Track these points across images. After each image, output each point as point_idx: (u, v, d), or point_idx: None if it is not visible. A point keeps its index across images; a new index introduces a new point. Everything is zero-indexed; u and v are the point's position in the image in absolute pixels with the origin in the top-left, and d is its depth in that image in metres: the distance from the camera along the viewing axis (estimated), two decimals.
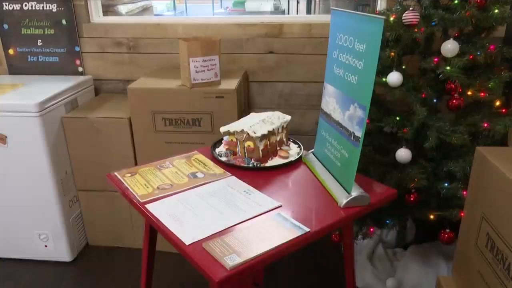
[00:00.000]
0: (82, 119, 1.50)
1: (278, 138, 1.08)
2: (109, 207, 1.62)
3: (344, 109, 0.87)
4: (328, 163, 0.97)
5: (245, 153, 1.04)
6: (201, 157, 1.09)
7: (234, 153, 1.06)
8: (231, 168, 1.01)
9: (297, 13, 2.87)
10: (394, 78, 1.17)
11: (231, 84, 1.45)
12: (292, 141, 1.16)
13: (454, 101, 1.14)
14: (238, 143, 1.04)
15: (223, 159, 1.05)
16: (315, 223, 0.79)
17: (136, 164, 1.53)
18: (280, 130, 1.08)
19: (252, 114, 1.14)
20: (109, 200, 1.61)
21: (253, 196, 0.88)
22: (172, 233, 0.76)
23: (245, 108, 1.65)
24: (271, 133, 1.05)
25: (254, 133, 0.99)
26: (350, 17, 0.84)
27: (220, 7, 4.42)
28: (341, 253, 1.58)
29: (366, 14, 0.78)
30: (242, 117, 1.14)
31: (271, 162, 1.04)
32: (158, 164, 1.04)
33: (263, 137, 1.02)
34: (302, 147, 1.12)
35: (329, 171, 0.95)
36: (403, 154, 1.20)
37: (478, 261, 0.91)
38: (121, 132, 1.50)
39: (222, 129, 1.05)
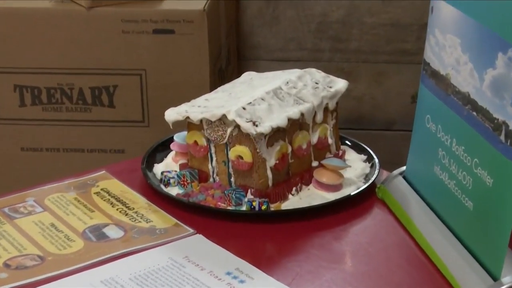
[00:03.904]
0: None
1: (315, 138, 1.10)
2: None
3: (482, 65, 0.88)
4: (443, 201, 0.98)
5: (230, 175, 1.06)
6: (117, 184, 1.11)
7: (202, 177, 1.08)
8: (194, 213, 1.03)
9: None
10: None
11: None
12: (350, 145, 1.18)
13: None
14: (213, 150, 1.07)
15: (175, 191, 1.07)
16: None
17: None
18: (320, 117, 1.10)
19: (248, 76, 1.16)
20: None
21: (251, 287, 0.89)
22: None
23: (230, 60, 1.67)
24: (297, 124, 1.07)
25: (255, 124, 1.01)
26: None
27: None
28: None
29: None
30: (223, 83, 1.16)
31: (296, 200, 1.06)
32: (7, 206, 1.05)
33: (278, 135, 1.04)
34: (376, 160, 1.14)
35: (444, 222, 0.97)
36: None
37: None
38: None
39: (170, 114, 1.07)
